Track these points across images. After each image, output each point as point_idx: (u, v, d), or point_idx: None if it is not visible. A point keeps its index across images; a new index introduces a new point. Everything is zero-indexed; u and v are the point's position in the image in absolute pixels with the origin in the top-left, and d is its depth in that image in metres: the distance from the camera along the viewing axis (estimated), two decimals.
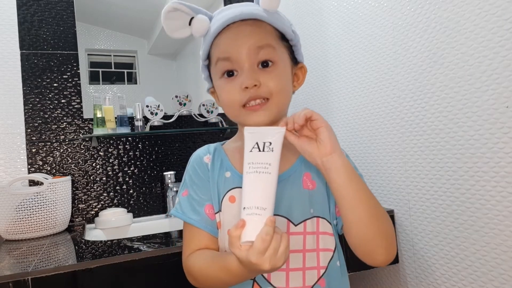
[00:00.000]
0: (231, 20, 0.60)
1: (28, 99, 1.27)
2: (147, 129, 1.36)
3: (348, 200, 0.56)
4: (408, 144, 1.00)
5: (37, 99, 1.28)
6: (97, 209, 1.31)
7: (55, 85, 1.30)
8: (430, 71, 0.91)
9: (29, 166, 1.25)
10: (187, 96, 1.43)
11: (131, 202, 1.36)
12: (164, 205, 1.38)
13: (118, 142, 1.37)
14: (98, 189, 1.33)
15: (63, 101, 1.31)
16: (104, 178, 1.34)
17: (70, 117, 1.31)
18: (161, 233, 1.01)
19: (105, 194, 1.33)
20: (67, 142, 1.30)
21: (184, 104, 1.42)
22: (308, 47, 1.41)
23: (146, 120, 1.36)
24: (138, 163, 1.38)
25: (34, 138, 1.27)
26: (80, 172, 1.31)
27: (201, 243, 0.63)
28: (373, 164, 1.14)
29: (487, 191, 0.80)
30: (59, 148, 1.29)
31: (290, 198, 0.63)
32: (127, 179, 1.37)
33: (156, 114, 1.36)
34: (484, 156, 0.80)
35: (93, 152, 1.33)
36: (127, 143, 1.38)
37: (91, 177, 1.32)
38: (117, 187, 1.35)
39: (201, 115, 1.44)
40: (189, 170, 0.69)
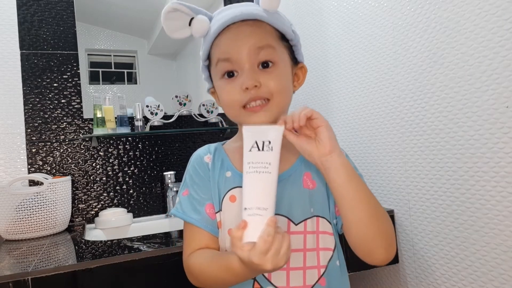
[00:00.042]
0: (231, 21, 0.60)
1: (28, 99, 1.27)
2: (147, 129, 1.36)
3: (348, 200, 0.56)
4: (408, 144, 1.00)
5: (37, 99, 1.28)
6: (97, 209, 1.31)
7: (55, 85, 1.30)
8: (430, 71, 0.91)
9: (29, 166, 1.25)
10: (187, 96, 1.43)
11: (131, 202, 1.36)
12: (164, 205, 1.38)
13: (118, 142, 1.37)
14: (98, 189, 1.33)
15: (63, 101, 1.31)
16: (104, 178, 1.34)
17: (70, 117, 1.31)
18: (161, 233, 1.01)
19: (105, 194, 1.33)
20: (67, 142, 1.30)
21: (184, 104, 1.42)
22: (308, 47, 1.41)
23: (146, 120, 1.36)
24: (138, 163, 1.38)
25: (34, 138, 1.27)
26: (80, 172, 1.31)
27: (202, 243, 0.63)
28: (373, 164, 1.14)
29: (487, 191, 0.80)
30: (59, 148, 1.29)
31: (291, 198, 0.63)
32: (127, 179, 1.37)
33: (156, 114, 1.36)
34: (484, 156, 0.80)
35: (93, 152, 1.33)
36: (127, 143, 1.38)
37: (91, 177, 1.32)
38: (117, 187, 1.35)
39: (201, 115, 1.44)
40: (190, 170, 0.69)
